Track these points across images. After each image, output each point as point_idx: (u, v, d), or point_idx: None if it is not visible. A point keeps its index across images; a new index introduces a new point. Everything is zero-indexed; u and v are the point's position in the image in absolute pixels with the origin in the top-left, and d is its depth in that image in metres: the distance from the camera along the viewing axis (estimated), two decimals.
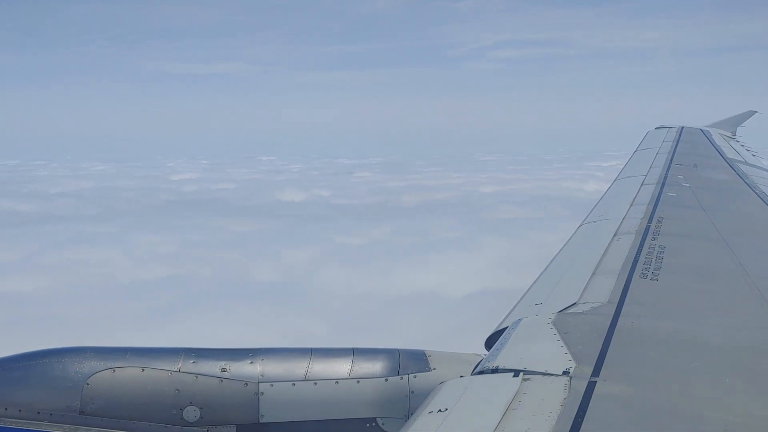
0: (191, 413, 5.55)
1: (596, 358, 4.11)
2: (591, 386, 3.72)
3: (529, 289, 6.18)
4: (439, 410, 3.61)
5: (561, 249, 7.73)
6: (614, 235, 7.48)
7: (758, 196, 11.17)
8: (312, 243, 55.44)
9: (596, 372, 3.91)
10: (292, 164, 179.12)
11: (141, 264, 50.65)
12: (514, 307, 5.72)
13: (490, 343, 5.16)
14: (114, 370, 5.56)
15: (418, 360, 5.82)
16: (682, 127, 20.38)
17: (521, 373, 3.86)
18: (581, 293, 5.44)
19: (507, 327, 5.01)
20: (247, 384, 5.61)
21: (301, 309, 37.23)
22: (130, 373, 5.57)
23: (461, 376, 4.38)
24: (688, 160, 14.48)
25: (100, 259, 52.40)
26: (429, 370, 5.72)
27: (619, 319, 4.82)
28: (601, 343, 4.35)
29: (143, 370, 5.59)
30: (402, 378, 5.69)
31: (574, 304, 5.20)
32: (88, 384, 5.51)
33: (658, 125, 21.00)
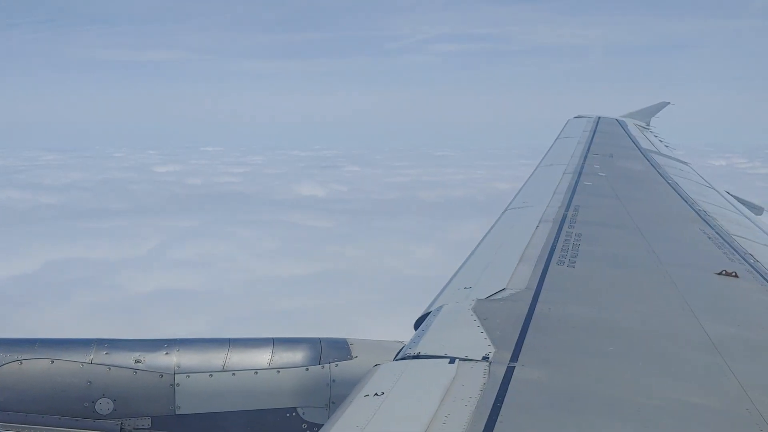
0: (104, 405, 5.40)
1: (515, 343, 4.17)
2: (510, 371, 3.77)
3: (456, 274, 6.20)
4: (375, 394, 3.59)
5: (487, 233, 7.80)
6: (539, 222, 7.61)
7: (670, 186, 11.53)
8: (422, 238, 55.61)
9: (515, 357, 3.96)
10: (248, 156, 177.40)
11: (268, 259, 51.46)
12: (442, 290, 5.72)
13: (419, 325, 5.18)
14: (21, 362, 5.36)
15: (339, 348, 5.81)
16: (599, 117, 20.88)
17: (457, 360, 3.89)
18: (509, 279, 5.50)
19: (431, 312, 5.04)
20: (162, 375, 5.50)
21: None
22: (38, 365, 5.38)
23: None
24: (604, 149, 14.83)
25: (222, 255, 53.20)
26: (351, 359, 5.72)
27: (537, 305, 4.90)
28: (519, 329, 4.41)
29: (53, 361, 5.40)
30: (323, 367, 5.67)
31: (503, 289, 5.25)
32: None
33: (576, 114, 21.47)
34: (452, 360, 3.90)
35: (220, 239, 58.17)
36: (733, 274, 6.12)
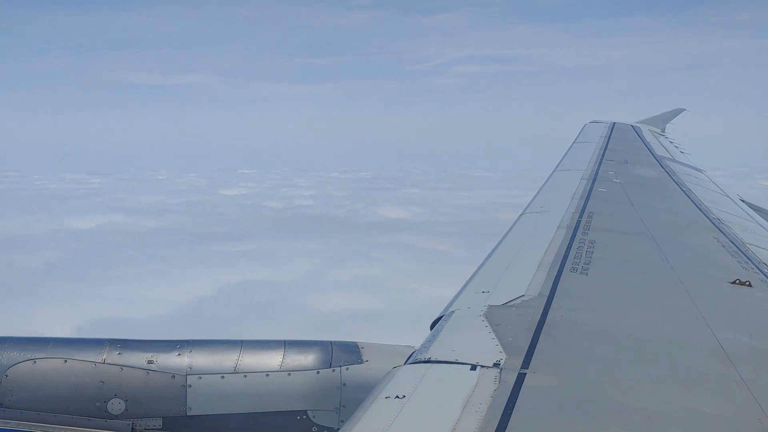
0: (116, 406, 5.43)
1: (526, 350, 4.16)
2: (521, 378, 3.77)
3: (472, 277, 6.17)
4: (396, 396, 3.60)
5: (503, 237, 7.78)
6: (557, 228, 7.59)
7: (684, 193, 11.48)
8: None
9: (526, 364, 3.96)
10: (290, 179, 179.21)
11: (422, 281, 51.38)
12: (458, 294, 5.70)
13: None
14: (35, 361, 5.40)
15: (350, 352, 5.82)
16: (614, 123, 20.82)
17: (478, 367, 3.88)
18: (527, 286, 5.47)
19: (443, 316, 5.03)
20: (174, 376, 5.53)
21: None
22: (51, 364, 5.42)
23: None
24: (618, 156, 14.79)
25: (377, 276, 54.17)
26: (361, 362, 5.73)
27: (549, 312, 4.89)
28: (531, 335, 4.41)
29: (66, 361, 5.44)
30: (334, 370, 5.68)
31: (521, 296, 5.23)
32: (6, 376, 5.34)
33: (592, 119, 21.43)
34: (473, 367, 3.90)
35: (360, 261, 58.86)
36: (747, 283, 6.10)
